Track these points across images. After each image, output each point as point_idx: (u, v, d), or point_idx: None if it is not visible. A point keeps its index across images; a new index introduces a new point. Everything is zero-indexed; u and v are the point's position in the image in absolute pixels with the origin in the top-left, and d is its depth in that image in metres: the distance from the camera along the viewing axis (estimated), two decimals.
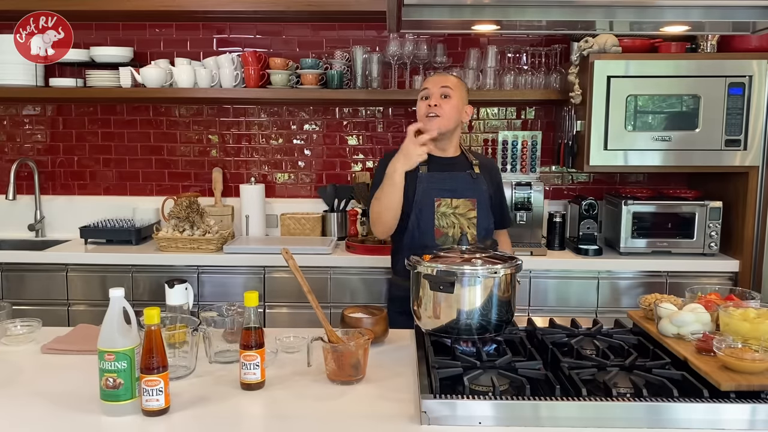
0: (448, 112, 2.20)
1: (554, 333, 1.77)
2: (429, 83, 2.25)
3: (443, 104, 2.19)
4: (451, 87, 2.22)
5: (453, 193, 2.23)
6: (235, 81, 3.21)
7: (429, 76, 2.37)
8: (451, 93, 2.21)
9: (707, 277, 2.94)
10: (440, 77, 2.27)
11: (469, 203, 2.24)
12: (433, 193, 2.21)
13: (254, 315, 1.51)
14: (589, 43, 2.89)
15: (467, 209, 2.23)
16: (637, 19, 1.72)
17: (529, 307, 2.92)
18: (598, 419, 1.31)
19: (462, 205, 2.23)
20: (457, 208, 2.22)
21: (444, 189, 2.22)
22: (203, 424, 1.36)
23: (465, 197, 2.24)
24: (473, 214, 2.23)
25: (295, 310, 2.97)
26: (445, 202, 2.22)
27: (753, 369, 1.37)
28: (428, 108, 2.20)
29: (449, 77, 2.27)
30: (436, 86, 2.22)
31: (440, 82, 2.23)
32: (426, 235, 2.20)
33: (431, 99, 2.20)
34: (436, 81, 2.24)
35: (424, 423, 1.32)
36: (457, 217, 2.22)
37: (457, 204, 2.22)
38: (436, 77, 2.28)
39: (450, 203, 2.22)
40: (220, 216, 3.36)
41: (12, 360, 1.71)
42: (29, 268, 3.00)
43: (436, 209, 2.21)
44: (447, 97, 2.21)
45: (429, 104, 2.20)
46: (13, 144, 3.54)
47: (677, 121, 2.90)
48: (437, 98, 2.20)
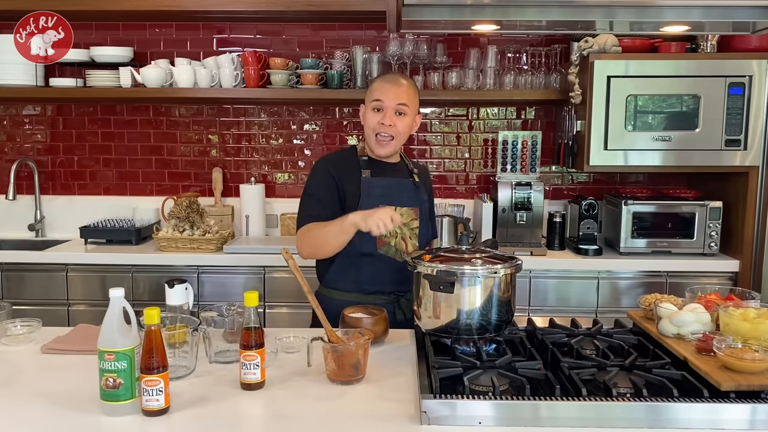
0: (402, 131, 2.06)
1: (554, 333, 1.77)
2: (383, 94, 2.04)
3: (397, 123, 2.04)
4: (408, 104, 2.05)
5: (396, 202, 2.06)
6: (235, 81, 3.21)
7: (380, 81, 2.11)
8: (407, 110, 2.05)
9: (707, 277, 2.95)
10: (395, 89, 2.05)
11: (412, 212, 2.11)
12: (376, 201, 2.02)
13: (254, 315, 1.51)
14: (589, 43, 2.89)
15: (410, 218, 2.10)
16: (637, 19, 1.72)
17: (529, 307, 2.92)
18: (598, 419, 1.31)
19: (405, 214, 2.08)
20: (402, 215, 2.02)
21: (387, 196, 2.05)
22: (203, 424, 1.36)
23: (408, 206, 2.10)
24: (416, 224, 2.11)
25: (295, 310, 2.97)
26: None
27: (753, 369, 1.37)
28: (380, 126, 2.03)
29: (404, 88, 2.06)
30: (391, 101, 2.03)
31: (396, 97, 2.03)
32: (367, 243, 2.02)
33: (385, 116, 2.03)
34: (391, 95, 2.04)
35: (424, 423, 1.32)
36: (400, 227, 2.06)
37: (401, 212, 2.04)
38: (391, 88, 2.05)
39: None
40: (220, 216, 3.36)
41: (12, 360, 1.71)
42: (29, 268, 3.00)
43: None
44: (402, 114, 2.05)
45: (381, 122, 2.03)
46: (13, 144, 3.54)
47: (677, 121, 2.90)
48: (391, 116, 2.03)
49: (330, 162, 2.14)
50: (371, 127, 2.06)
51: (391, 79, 2.10)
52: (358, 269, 2.06)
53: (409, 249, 2.09)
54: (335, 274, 2.11)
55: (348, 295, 2.07)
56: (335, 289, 2.11)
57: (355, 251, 2.04)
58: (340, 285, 2.10)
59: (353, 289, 2.08)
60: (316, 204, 2.06)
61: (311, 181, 2.12)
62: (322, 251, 2.04)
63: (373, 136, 2.07)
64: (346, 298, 2.05)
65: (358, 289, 2.08)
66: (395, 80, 2.09)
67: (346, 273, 2.09)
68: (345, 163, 2.12)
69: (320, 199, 2.06)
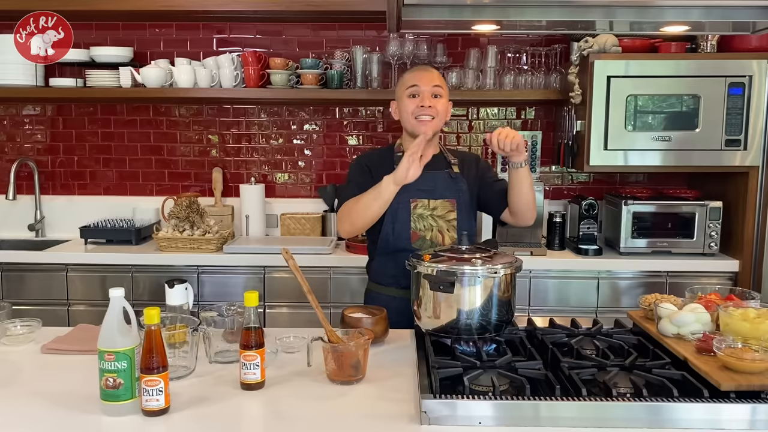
0: (441, 112, 2.09)
1: (554, 333, 1.77)
2: (418, 80, 2.09)
3: (436, 104, 2.08)
4: (441, 86, 2.10)
5: (430, 194, 2.10)
6: (235, 81, 3.21)
7: (412, 71, 2.17)
8: (442, 92, 2.10)
9: (707, 277, 2.94)
10: (428, 74, 2.11)
11: (447, 204, 2.11)
12: (409, 194, 2.05)
13: (254, 315, 1.51)
14: (589, 43, 2.89)
15: (446, 210, 2.11)
16: (637, 19, 1.72)
17: (529, 307, 2.92)
18: (598, 419, 1.31)
19: (440, 206, 2.11)
20: (435, 209, 2.10)
21: (420, 189, 2.08)
22: (203, 424, 1.36)
23: (443, 198, 2.11)
24: (453, 215, 2.11)
25: (295, 310, 2.97)
26: (421, 203, 2.10)
27: (753, 369, 1.37)
28: (420, 108, 2.07)
29: (436, 74, 2.13)
30: (426, 84, 2.08)
31: (431, 80, 2.09)
32: (401, 239, 2.09)
33: (423, 99, 2.07)
34: (425, 79, 2.09)
35: (424, 423, 1.32)
36: (435, 219, 2.10)
37: (435, 205, 2.10)
38: (423, 74, 2.11)
39: (427, 204, 2.10)
40: (220, 216, 3.36)
41: (12, 360, 1.71)
42: (29, 268, 3.00)
43: (412, 211, 2.09)
44: (438, 96, 2.09)
45: (421, 104, 2.07)
46: (13, 144, 3.54)
47: (677, 121, 2.90)
48: (429, 98, 2.07)
49: (366, 158, 2.22)
50: (410, 111, 2.08)
51: (421, 68, 2.17)
52: (396, 264, 2.06)
53: (446, 241, 2.10)
54: (376, 269, 2.20)
55: (388, 290, 2.15)
56: (378, 284, 2.20)
57: (391, 247, 2.11)
58: (381, 280, 2.18)
59: (391, 284, 2.14)
60: (354, 188, 2.10)
61: (349, 173, 2.21)
62: (362, 220, 2.02)
63: (413, 119, 2.08)
64: (387, 292, 2.14)
65: (395, 284, 2.12)
66: (426, 68, 2.17)
67: (385, 268, 2.15)
68: (380, 160, 2.17)
69: (357, 184, 2.10)
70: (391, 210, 2.05)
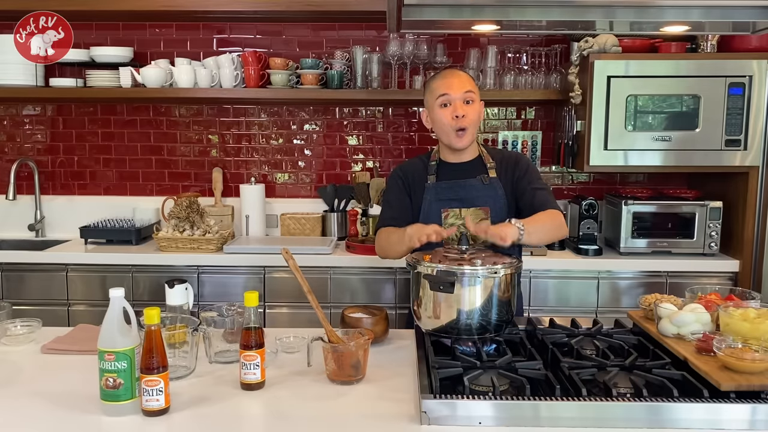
0: (475, 120, 2.04)
1: (554, 333, 1.77)
2: (448, 87, 2.02)
3: (469, 112, 2.01)
4: (473, 90, 2.03)
5: (461, 203, 2.07)
6: (235, 81, 3.21)
7: (441, 76, 2.08)
8: (474, 97, 2.03)
9: (707, 277, 2.94)
10: (457, 80, 2.03)
11: (480, 212, 2.07)
12: (440, 204, 2.07)
13: (254, 315, 1.51)
14: (589, 43, 2.89)
15: (479, 219, 2.06)
16: (637, 19, 1.72)
17: (529, 307, 2.92)
18: (598, 419, 1.31)
19: (473, 214, 2.06)
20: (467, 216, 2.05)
21: (451, 199, 2.07)
22: (203, 424, 1.36)
23: (476, 206, 2.07)
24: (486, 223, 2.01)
25: (295, 310, 2.97)
26: (453, 213, 2.07)
27: (753, 369, 1.37)
28: (455, 120, 2.00)
29: (465, 77, 2.06)
30: (458, 92, 2.01)
31: (461, 86, 2.02)
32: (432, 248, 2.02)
33: (455, 108, 2.00)
34: (455, 85, 2.02)
35: (424, 423, 1.32)
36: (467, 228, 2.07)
37: (468, 213, 2.06)
38: (453, 80, 2.03)
39: (459, 213, 2.06)
40: (220, 216, 3.36)
41: (12, 360, 1.71)
42: (29, 268, 3.00)
43: (443, 221, 2.06)
44: (470, 102, 2.03)
45: (455, 114, 2.00)
46: (13, 144, 3.54)
47: (677, 121, 2.90)
48: (462, 106, 2.00)
49: (401, 170, 2.20)
50: (446, 123, 2.03)
51: (450, 73, 2.09)
52: None
53: None
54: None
55: None
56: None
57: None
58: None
59: None
60: (388, 208, 2.16)
61: (386, 188, 2.23)
62: (391, 256, 2.09)
63: (453, 132, 2.04)
64: None
65: None
66: (453, 73, 2.09)
67: None
68: (415, 171, 2.16)
69: (392, 204, 2.15)
70: (423, 219, 2.06)
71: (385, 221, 2.13)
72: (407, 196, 2.14)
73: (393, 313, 2.87)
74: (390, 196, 2.18)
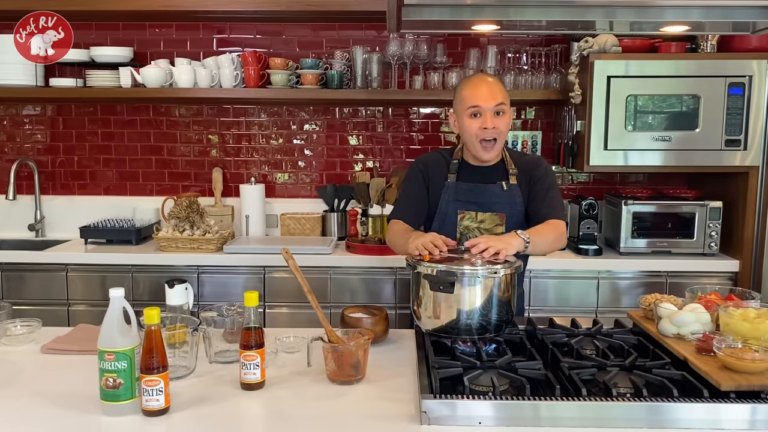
0: (504, 130, 2.01)
1: (554, 333, 1.77)
2: (479, 99, 1.97)
3: (499, 123, 1.98)
4: (504, 102, 1.99)
5: (479, 207, 2.06)
6: (235, 81, 3.21)
7: (472, 84, 2.02)
8: (505, 109, 2.00)
9: (707, 277, 2.94)
10: (489, 92, 1.98)
11: (496, 218, 2.06)
12: (457, 205, 2.07)
13: (254, 315, 1.51)
14: (589, 43, 2.89)
15: (494, 224, 2.06)
16: (637, 19, 1.72)
17: (529, 307, 2.92)
18: (598, 419, 1.31)
19: (488, 219, 2.06)
20: (482, 222, 2.06)
21: (469, 201, 2.07)
22: (203, 424, 1.36)
23: (492, 211, 2.06)
24: (501, 229, 2.05)
25: (295, 310, 2.97)
26: (469, 216, 2.07)
27: (753, 369, 1.37)
28: (483, 131, 1.97)
29: (497, 88, 2.00)
30: (490, 104, 1.97)
31: (493, 98, 1.97)
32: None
33: (485, 120, 1.97)
34: (487, 98, 1.97)
35: (424, 423, 1.32)
36: (482, 232, 2.05)
37: (482, 218, 2.06)
38: (485, 92, 1.98)
39: (474, 216, 2.06)
40: (220, 216, 3.36)
41: (12, 360, 1.71)
42: (29, 268, 3.00)
43: (458, 222, 2.07)
44: (501, 114, 1.99)
45: (483, 126, 1.97)
46: (13, 144, 3.54)
47: (677, 121, 2.90)
48: (492, 118, 1.97)
49: (422, 162, 2.20)
50: (473, 134, 2.00)
51: (480, 81, 2.03)
52: None
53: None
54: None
55: None
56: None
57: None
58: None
59: None
60: (405, 199, 2.18)
61: (405, 177, 2.22)
62: (397, 251, 2.12)
63: (478, 143, 2.01)
64: None
65: None
66: (484, 81, 2.03)
67: None
68: (436, 165, 2.16)
69: (409, 195, 2.17)
70: (439, 218, 2.09)
71: (401, 213, 2.15)
72: (425, 189, 2.14)
73: (393, 313, 2.87)
74: (408, 187, 2.18)
